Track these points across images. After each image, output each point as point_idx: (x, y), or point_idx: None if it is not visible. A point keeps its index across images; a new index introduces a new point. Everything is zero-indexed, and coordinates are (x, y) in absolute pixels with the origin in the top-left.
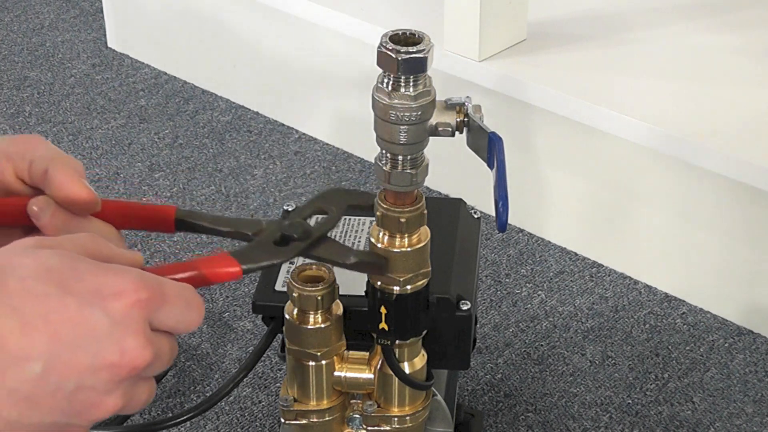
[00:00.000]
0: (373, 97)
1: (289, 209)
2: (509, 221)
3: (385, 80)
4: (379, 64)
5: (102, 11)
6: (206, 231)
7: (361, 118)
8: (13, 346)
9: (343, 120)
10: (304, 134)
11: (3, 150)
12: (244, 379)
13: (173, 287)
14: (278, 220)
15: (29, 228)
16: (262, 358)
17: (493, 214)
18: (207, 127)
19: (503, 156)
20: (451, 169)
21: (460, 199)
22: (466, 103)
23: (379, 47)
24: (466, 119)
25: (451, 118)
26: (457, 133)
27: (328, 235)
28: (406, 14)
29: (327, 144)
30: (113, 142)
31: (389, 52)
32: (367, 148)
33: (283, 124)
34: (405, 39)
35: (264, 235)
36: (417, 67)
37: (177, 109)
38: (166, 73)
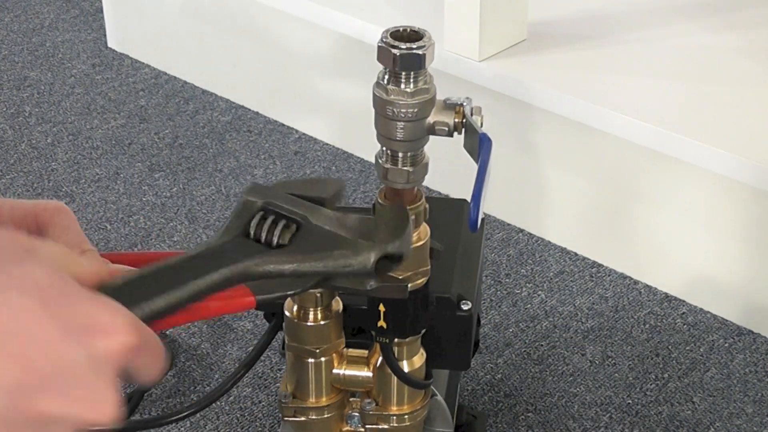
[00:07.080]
0: (373, 93)
1: None
2: (510, 221)
3: (385, 76)
4: (378, 59)
5: (102, 11)
6: None
7: (360, 118)
8: None
9: (343, 120)
10: (304, 134)
11: (15, 226)
12: (244, 379)
13: (152, 338)
14: None
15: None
16: (262, 358)
17: (494, 214)
18: (207, 127)
19: (487, 157)
20: (454, 169)
21: (464, 200)
22: (465, 104)
23: (379, 42)
24: (464, 120)
25: (449, 118)
26: (455, 133)
27: None
28: (407, 14)
29: (327, 144)
30: (113, 142)
31: (387, 48)
32: (367, 148)
33: (283, 124)
34: (406, 36)
35: None
36: (414, 64)
37: (177, 109)
38: (166, 73)
